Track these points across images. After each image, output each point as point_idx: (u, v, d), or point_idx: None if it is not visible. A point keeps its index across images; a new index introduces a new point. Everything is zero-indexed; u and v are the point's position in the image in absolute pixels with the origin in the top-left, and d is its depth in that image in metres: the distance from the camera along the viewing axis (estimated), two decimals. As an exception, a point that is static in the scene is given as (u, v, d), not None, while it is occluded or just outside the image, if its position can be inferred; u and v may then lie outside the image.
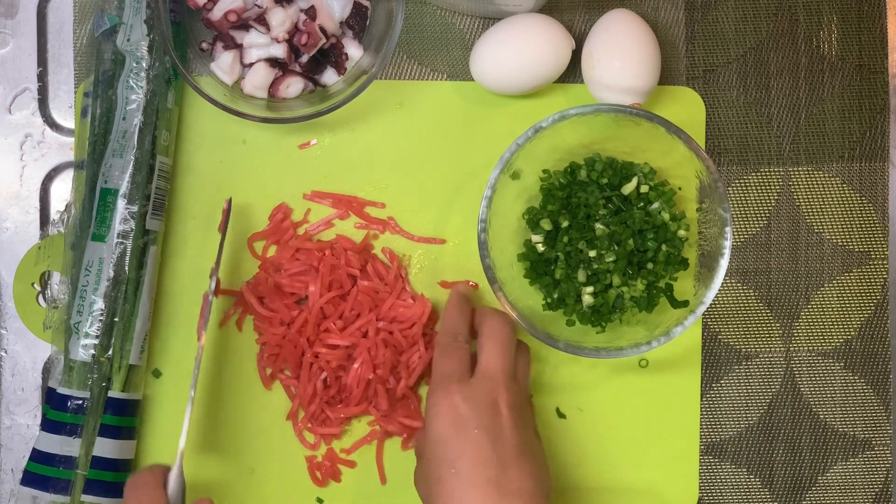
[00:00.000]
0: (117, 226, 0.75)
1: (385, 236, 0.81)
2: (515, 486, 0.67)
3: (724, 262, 0.73)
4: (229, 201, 0.76)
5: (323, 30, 0.77)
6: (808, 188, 0.83)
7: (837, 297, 0.83)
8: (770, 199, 0.83)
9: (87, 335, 0.74)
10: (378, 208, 0.81)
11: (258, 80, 0.77)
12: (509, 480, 0.67)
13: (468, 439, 0.68)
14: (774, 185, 0.83)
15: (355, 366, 0.76)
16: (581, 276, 0.77)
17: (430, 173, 0.81)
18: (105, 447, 0.75)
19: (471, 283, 0.80)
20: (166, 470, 0.70)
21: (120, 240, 0.75)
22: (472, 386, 0.70)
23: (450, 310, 0.76)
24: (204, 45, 0.79)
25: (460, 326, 0.74)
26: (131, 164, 0.75)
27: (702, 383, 0.82)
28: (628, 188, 0.77)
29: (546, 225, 0.77)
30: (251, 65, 0.78)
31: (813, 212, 0.83)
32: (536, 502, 0.68)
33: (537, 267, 0.78)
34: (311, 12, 0.77)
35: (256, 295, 0.78)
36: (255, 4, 0.77)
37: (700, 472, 0.82)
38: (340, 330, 0.77)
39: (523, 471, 0.68)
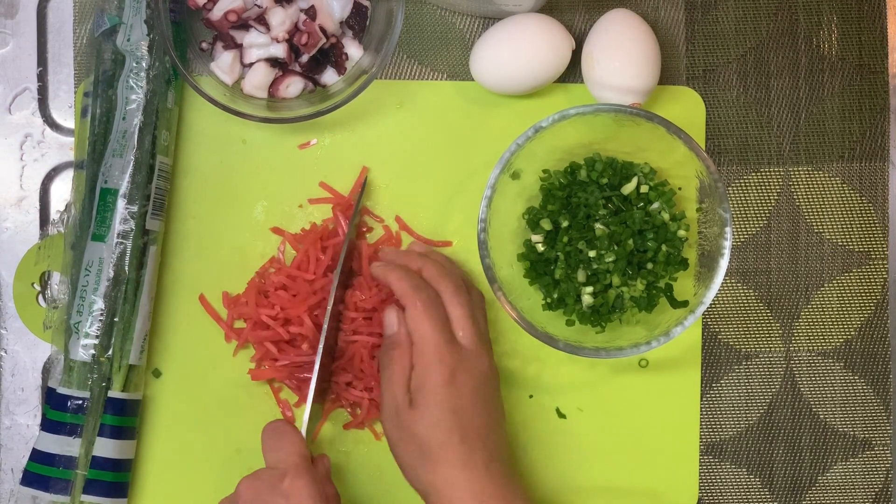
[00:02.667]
0: (117, 226, 0.75)
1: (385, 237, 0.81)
2: (503, 461, 0.72)
3: (724, 262, 0.73)
4: (364, 171, 0.79)
5: (323, 30, 0.77)
6: (808, 188, 0.83)
7: (837, 297, 0.83)
8: (770, 199, 0.83)
9: (87, 335, 0.74)
10: (377, 222, 0.81)
11: (258, 80, 0.77)
12: (501, 455, 0.72)
13: (472, 410, 0.71)
14: (774, 185, 0.83)
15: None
16: (581, 276, 0.77)
17: (430, 173, 0.81)
18: (105, 447, 0.75)
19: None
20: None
21: (120, 240, 0.75)
22: (465, 355, 0.72)
23: (398, 267, 0.75)
24: (204, 45, 0.79)
25: (436, 271, 0.75)
26: (131, 164, 0.75)
27: (702, 383, 0.82)
28: (628, 188, 0.77)
29: (546, 225, 0.77)
30: (251, 65, 0.78)
31: (813, 212, 0.83)
32: (512, 474, 0.72)
33: (537, 267, 0.78)
34: (311, 12, 0.77)
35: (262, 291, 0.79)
36: (255, 4, 0.77)
37: (700, 472, 0.82)
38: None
39: (505, 442, 0.73)
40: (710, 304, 0.77)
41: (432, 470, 0.70)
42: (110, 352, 0.75)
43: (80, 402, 0.74)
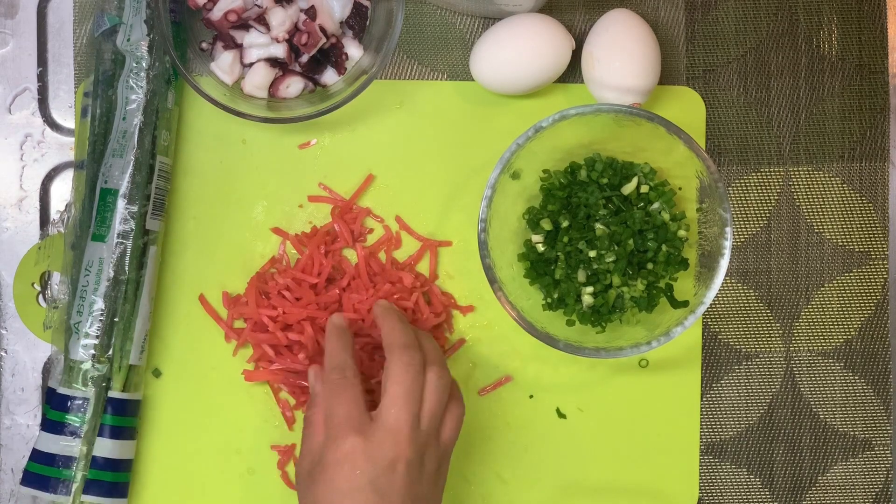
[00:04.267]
0: (117, 226, 0.75)
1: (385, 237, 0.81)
2: None
3: (724, 262, 0.73)
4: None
5: (323, 30, 0.77)
6: (808, 188, 0.83)
7: (837, 297, 0.83)
8: (770, 199, 0.83)
9: (87, 335, 0.74)
10: (377, 222, 0.81)
11: (258, 79, 0.77)
12: None
13: (356, 500, 0.65)
14: (774, 185, 0.83)
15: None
16: (581, 276, 0.77)
17: (430, 173, 0.81)
18: (105, 447, 0.75)
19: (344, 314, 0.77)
20: None
21: (120, 240, 0.75)
22: (372, 438, 0.66)
23: (330, 343, 0.72)
24: (204, 45, 0.79)
25: (345, 358, 0.71)
26: (131, 164, 0.75)
27: (702, 383, 0.82)
28: (628, 188, 0.77)
29: (546, 225, 0.77)
30: (251, 65, 0.78)
31: (813, 212, 0.83)
32: None
33: (537, 267, 0.78)
34: (311, 12, 0.77)
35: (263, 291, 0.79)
36: (255, 4, 0.77)
37: (700, 472, 0.82)
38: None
39: None
40: (711, 304, 0.77)
41: None
42: (110, 352, 0.75)
43: (80, 402, 0.74)
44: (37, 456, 0.75)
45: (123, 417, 0.76)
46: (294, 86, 0.78)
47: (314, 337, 0.77)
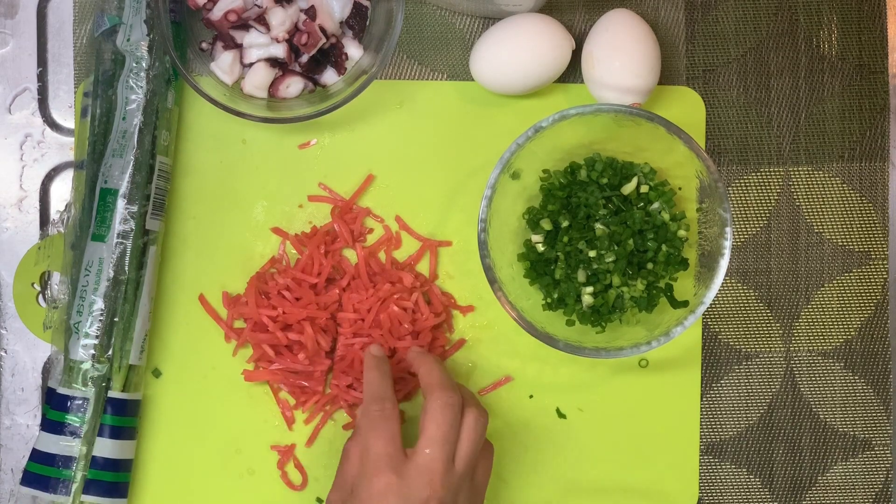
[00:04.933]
0: (117, 226, 0.75)
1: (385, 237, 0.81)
2: None
3: (724, 262, 0.73)
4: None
5: (323, 30, 0.77)
6: (808, 188, 0.83)
7: (837, 297, 0.83)
8: (770, 199, 0.83)
9: (87, 335, 0.74)
10: (377, 222, 0.81)
11: (258, 79, 0.77)
12: None
13: None
14: (774, 185, 0.83)
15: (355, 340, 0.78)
16: (581, 276, 0.77)
17: (430, 173, 0.81)
18: (105, 447, 0.75)
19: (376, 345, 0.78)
20: None
21: (120, 240, 0.75)
22: (406, 478, 0.66)
23: (369, 373, 0.72)
24: (204, 45, 0.79)
25: (385, 390, 0.71)
26: (131, 164, 0.75)
27: (702, 383, 0.82)
28: (628, 188, 0.77)
29: (546, 225, 0.77)
30: (251, 65, 0.78)
31: (813, 212, 0.83)
32: None
33: (537, 267, 0.78)
34: (311, 12, 0.77)
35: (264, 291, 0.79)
36: (255, 4, 0.77)
37: (700, 472, 0.82)
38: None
39: None
40: (710, 304, 0.77)
41: None
42: (110, 352, 0.75)
43: (80, 402, 0.74)
44: (37, 456, 0.75)
45: (123, 417, 0.76)
46: (294, 86, 0.78)
47: (314, 337, 0.77)
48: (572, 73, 0.80)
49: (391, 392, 0.71)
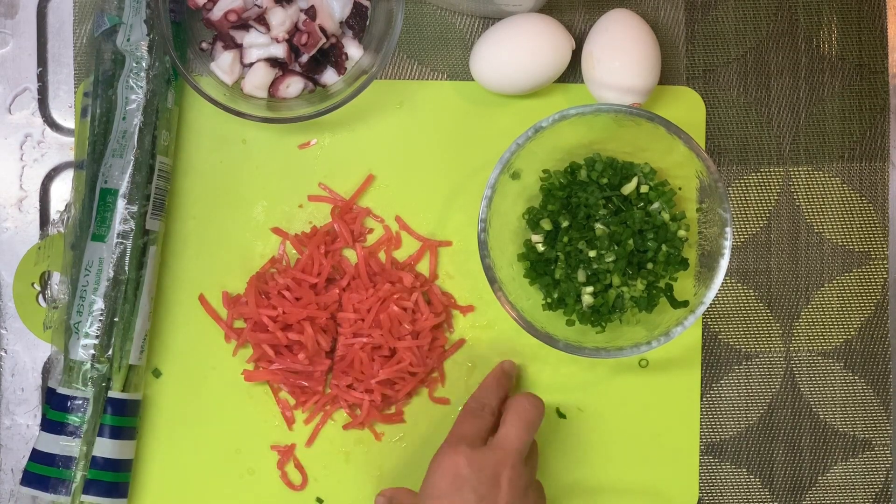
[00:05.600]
0: (117, 226, 0.75)
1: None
2: None
3: (724, 262, 0.73)
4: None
5: (323, 30, 0.77)
6: (808, 188, 0.83)
7: (837, 297, 0.83)
8: (770, 199, 0.83)
9: (87, 335, 0.74)
10: (377, 222, 0.81)
11: (258, 79, 0.77)
12: None
13: (462, 499, 0.68)
14: (774, 185, 0.83)
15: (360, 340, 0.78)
16: (581, 276, 0.77)
17: (430, 173, 0.81)
18: (105, 447, 0.75)
19: (515, 363, 0.81)
20: None
21: (120, 240, 0.75)
22: (481, 452, 0.70)
23: (488, 380, 0.77)
24: (204, 45, 0.79)
25: (492, 399, 0.75)
26: (131, 164, 0.75)
27: (702, 383, 0.82)
28: (628, 188, 0.77)
29: (546, 225, 0.77)
30: (251, 65, 0.78)
31: (813, 212, 0.83)
32: None
33: (537, 267, 0.78)
34: (311, 12, 0.77)
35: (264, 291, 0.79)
36: (255, 4, 0.77)
37: (700, 472, 0.82)
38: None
39: None
40: (710, 304, 0.77)
41: None
42: (110, 352, 0.75)
43: (80, 402, 0.74)
44: (37, 456, 0.75)
45: (123, 417, 0.76)
46: (294, 86, 0.78)
47: (314, 337, 0.77)
48: (572, 73, 0.80)
49: (496, 404, 0.75)
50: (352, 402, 0.79)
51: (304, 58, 0.78)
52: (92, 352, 0.74)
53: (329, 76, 0.79)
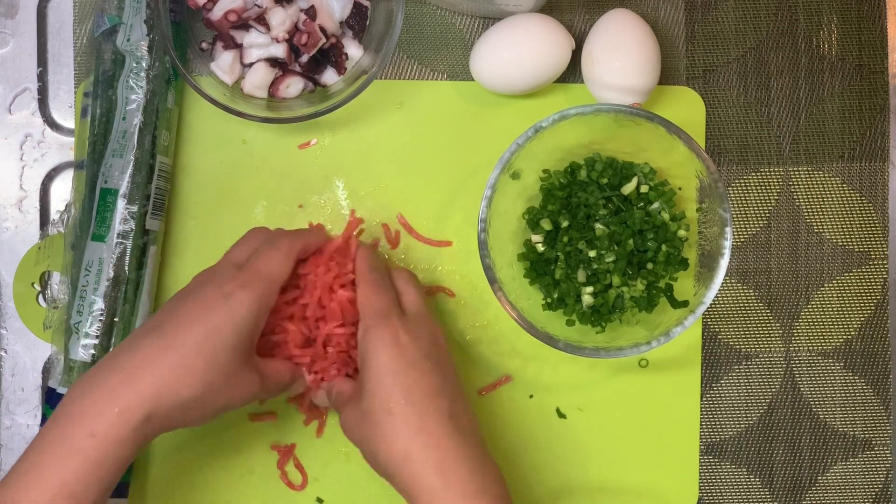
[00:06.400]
0: (117, 226, 0.75)
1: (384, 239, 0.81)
2: (465, 419, 0.68)
3: (724, 262, 0.73)
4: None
5: (323, 30, 0.77)
6: (808, 188, 0.83)
7: (837, 297, 0.83)
8: (770, 199, 0.83)
9: (87, 335, 0.74)
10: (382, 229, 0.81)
11: (258, 79, 0.78)
12: (459, 413, 0.68)
13: (419, 369, 0.67)
14: (774, 185, 0.83)
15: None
16: (581, 276, 0.77)
17: (430, 173, 0.81)
18: (105, 447, 0.75)
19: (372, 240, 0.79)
20: None
21: (120, 240, 0.75)
22: (410, 321, 0.70)
23: (366, 251, 0.74)
24: (204, 45, 0.79)
25: (382, 264, 0.74)
26: (131, 164, 0.75)
27: (702, 383, 0.82)
28: (628, 188, 0.77)
29: (546, 225, 0.77)
30: (251, 65, 0.78)
31: (813, 212, 0.83)
32: (478, 436, 0.68)
33: (537, 267, 0.78)
34: (311, 12, 0.77)
35: None
36: (255, 4, 0.77)
37: (700, 472, 0.82)
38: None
39: (466, 404, 0.69)
40: (710, 304, 0.77)
41: (386, 446, 0.66)
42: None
43: (80, 402, 0.74)
44: (37, 456, 0.75)
45: (123, 417, 0.76)
46: (294, 86, 0.78)
47: (298, 330, 0.73)
48: (572, 73, 0.80)
49: (386, 270, 0.74)
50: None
51: (304, 58, 0.78)
52: (92, 352, 0.74)
53: (329, 76, 0.79)
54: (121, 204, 0.75)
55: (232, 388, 0.67)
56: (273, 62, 0.78)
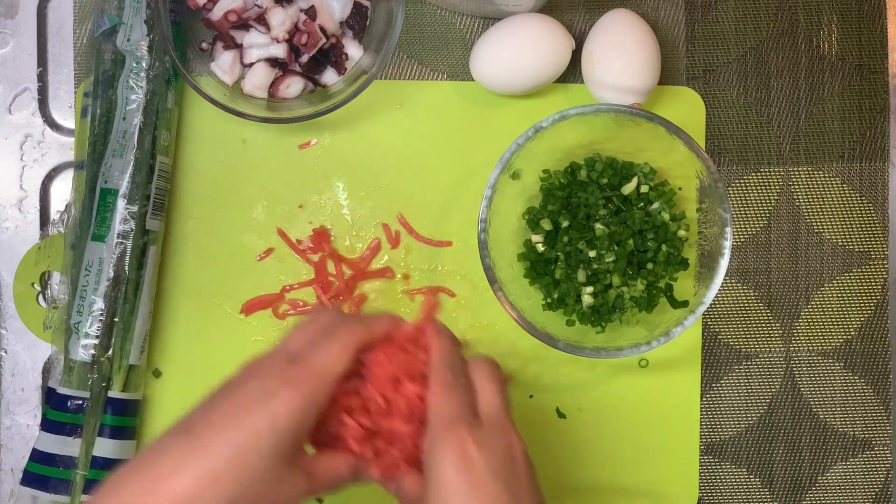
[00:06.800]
0: (117, 226, 0.75)
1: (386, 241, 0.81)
2: None
3: (724, 262, 0.73)
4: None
5: (323, 30, 0.77)
6: (808, 188, 0.83)
7: (837, 297, 0.83)
8: (770, 199, 0.83)
9: (87, 335, 0.74)
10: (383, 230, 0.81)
11: (258, 79, 0.78)
12: None
13: (486, 493, 0.58)
14: (774, 185, 0.83)
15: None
16: (581, 276, 0.77)
17: (431, 173, 0.81)
18: (105, 447, 0.75)
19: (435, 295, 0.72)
20: None
21: (120, 240, 0.75)
22: (484, 430, 0.60)
23: (441, 341, 0.63)
24: (204, 45, 0.79)
25: (458, 359, 0.62)
26: (131, 164, 0.75)
27: (702, 383, 0.82)
28: (628, 188, 0.77)
29: (546, 225, 0.77)
30: (251, 65, 0.78)
31: (813, 212, 0.83)
32: None
33: (537, 267, 0.78)
34: (311, 12, 0.77)
35: None
36: (255, 4, 0.77)
37: (700, 472, 0.82)
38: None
39: None
40: (710, 304, 0.77)
41: None
42: (110, 352, 0.75)
43: (80, 402, 0.74)
44: (37, 456, 0.75)
45: (123, 417, 0.76)
46: (294, 86, 0.78)
47: (357, 423, 0.63)
48: (572, 73, 0.80)
49: (463, 364, 0.62)
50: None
51: (304, 58, 0.78)
52: (92, 352, 0.74)
53: (329, 76, 0.79)
54: (121, 204, 0.75)
55: (270, 494, 0.57)
56: (273, 62, 0.78)
